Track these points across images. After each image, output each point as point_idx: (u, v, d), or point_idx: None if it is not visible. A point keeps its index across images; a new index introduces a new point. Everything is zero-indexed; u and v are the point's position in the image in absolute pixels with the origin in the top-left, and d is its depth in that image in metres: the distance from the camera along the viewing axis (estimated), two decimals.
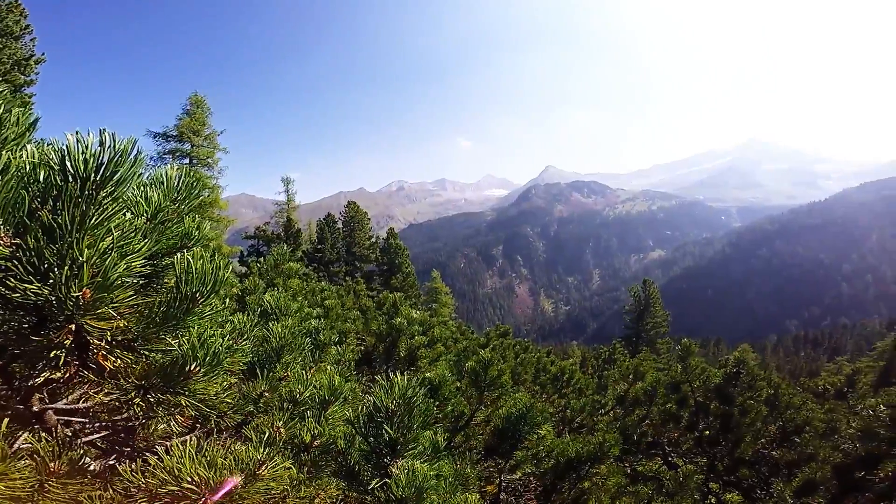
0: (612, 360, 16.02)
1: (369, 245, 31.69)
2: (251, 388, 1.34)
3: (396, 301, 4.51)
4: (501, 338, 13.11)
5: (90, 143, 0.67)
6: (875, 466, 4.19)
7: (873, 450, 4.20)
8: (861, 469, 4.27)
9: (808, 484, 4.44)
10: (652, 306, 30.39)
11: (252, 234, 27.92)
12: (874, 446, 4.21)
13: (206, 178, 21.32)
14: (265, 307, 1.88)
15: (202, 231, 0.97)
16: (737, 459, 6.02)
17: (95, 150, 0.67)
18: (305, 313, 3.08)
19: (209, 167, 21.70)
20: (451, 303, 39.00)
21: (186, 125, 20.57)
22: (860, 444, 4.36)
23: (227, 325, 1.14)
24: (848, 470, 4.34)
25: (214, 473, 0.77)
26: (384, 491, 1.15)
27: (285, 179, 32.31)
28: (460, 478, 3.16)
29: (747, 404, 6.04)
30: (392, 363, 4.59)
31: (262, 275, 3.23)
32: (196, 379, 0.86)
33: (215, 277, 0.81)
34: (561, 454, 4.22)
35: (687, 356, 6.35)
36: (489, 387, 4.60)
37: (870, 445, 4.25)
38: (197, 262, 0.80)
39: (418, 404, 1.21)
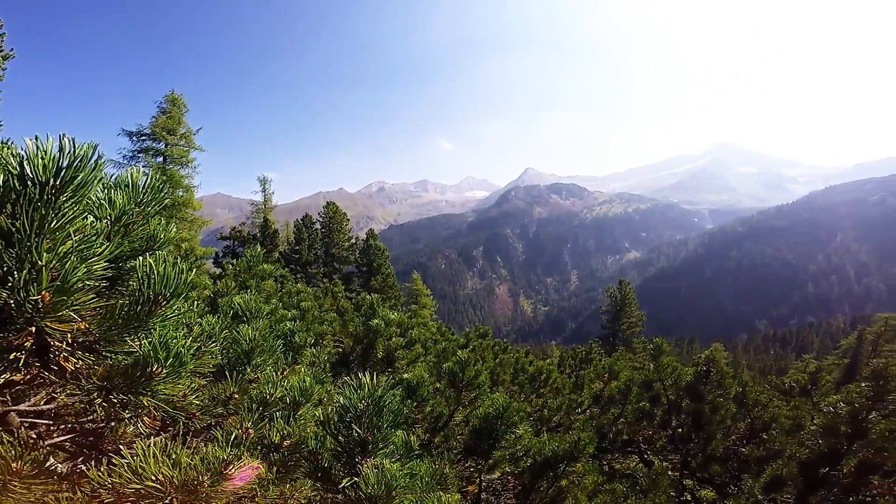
0: (589, 359, 16.31)
1: (348, 246, 31.44)
2: (220, 391, 1.33)
3: (374, 303, 4.51)
4: (481, 338, 13.20)
5: (49, 148, 0.67)
6: (838, 462, 4.32)
7: (835, 446, 4.32)
8: (825, 465, 4.38)
9: (776, 480, 4.54)
10: (627, 306, 31.01)
11: (227, 235, 27.39)
12: (836, 442, 4.32)
13: (181, 177, 20.79)
14: (236, 310, 1.87)
15: (168, 234, 0.97)
16: (708, 456, 6.15)
17: (55, 154, 0.67)
18: (280, 315, 3.06)
19: (184, 166, 21.17)
20: (432, 304, 39.01)
21: (161, 124, 20.02)
22: (822, 440, 4.47)
23: (196, 327, 1.14)
24: (812, 466, 4.45)
25: (179, 472, 0.77)
26: (355, 490, 1.17)
27: (262, 179, 31.82)
28: (439, 477, 3.18)
29: (717, 402, 6.20)
30: (369, 364, 4.58)
31: (235, 277, 3.19)
32: (159, 380, 0.86)
33: (178, 281, 0.81)
34: (538, 453, 4.28)
35: (659, 355, 6.50)
36: (467, 387, 4.64)
37: (831, 442, 4.36)
38: (160, 266, 0.80)
39: (388, 404, 1.23)
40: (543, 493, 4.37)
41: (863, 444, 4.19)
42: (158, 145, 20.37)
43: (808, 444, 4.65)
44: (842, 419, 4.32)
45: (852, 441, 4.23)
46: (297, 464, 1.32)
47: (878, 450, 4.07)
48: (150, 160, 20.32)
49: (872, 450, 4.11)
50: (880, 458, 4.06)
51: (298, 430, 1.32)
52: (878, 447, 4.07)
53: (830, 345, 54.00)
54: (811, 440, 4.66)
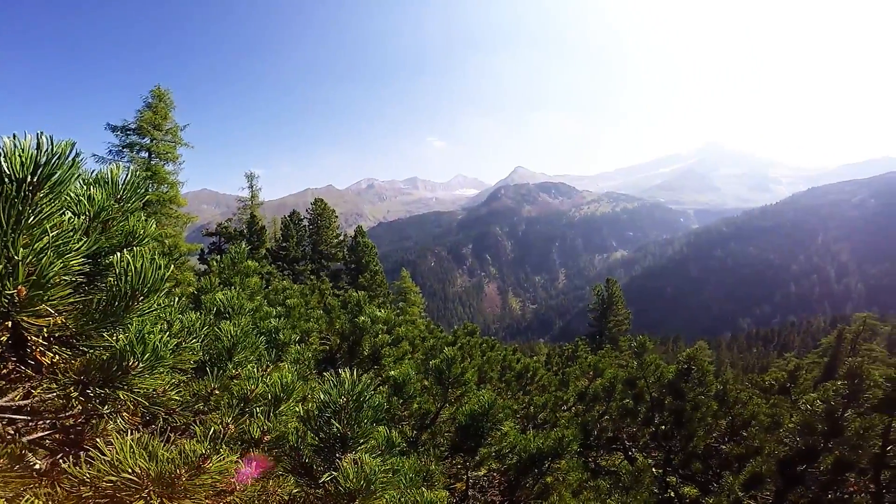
0: (575, 357, 16.47)
1: (336, 243, 31.27)
2: (201, 386, 1.34)
3: (360, 300, 4.51)
4: (469, 336, 13.26)
5: (27, 146, 0.67)
6: (815, 460, 4.36)
7: (812, 444, 4.37)
8: (802, 462, 4.43)
9: (755, 477, 4.58)
10: (614, 304, 31.37)
11: (213, 231, 27.08)
12: (812, 440, 4.37)
13: (166, 173, 20.51)
14: (218, 306, 1.87)
15: (148, 230, 0.97)
16: (690, 453, 6.24)
17: (32, 152, 0.68)
18: (265, 313, 3.05)
19: (169, 162, 20.88)
20: (421, 301, 39.02)
21: (147, 119, 19.69)
22: (800, 438, 4.51)
23: (176, 323, 1.14)
24: (790, 463, 4.49)
25: (156, 465, 0.78)
26: (335, 484, 1.18)
27: (249, 175, 31.48)
28: (425, 474, 3.21)
29: (698, 399, 6.26)
30: (356, 362, 4.58)
31: (220, 273, 3.17)
32: (135, 374, 0.87)
33: (156, 277, 0.82)
34: (523, 450, 4.32)
35: (642, 353, 6.57)
36: (453, 384, 4.67)
37: (808, 439, 4.40)
38: (137, 262, 0.81)
39: (368, 400, 1.24)
40: (529, 489, 4.40)
41: (838, 441, 4.24)
42: (144, 141, 20.05)
43: (787, 442, 4.70)
44: (818, 417, 4.37)
45: (828, 439, 4.28)
46: (278, 459, 1.33)
47: (853, 447, 4.13)
48: (135, 156, 19.99)
49: (848, 447, 4.17)
50: (855, 456, 4.13)
51: (279, 425, 1.34)
52: (853, 445, 4.13)
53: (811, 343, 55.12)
54: (789, 438, 4.70)
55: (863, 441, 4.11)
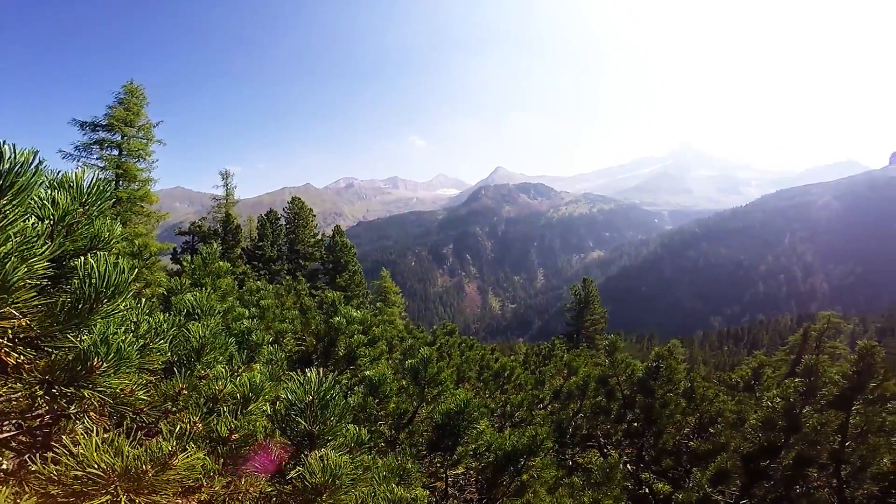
0: (551, 356, 16.70)
1: (314, 243, 30.88)
2: (170, 387, 1.35)
3: (335, 300, 4.50)
4: (448, 336, 13.32)
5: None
6: (777, 455, 4.43)
7: (773, 439, 4.44)
8: (765, 458, 4.50)
9: (721, 472, 4.64)
10: (591, 304, 31.89)
11: (186, 230, 26.41)
12: (773, 436, 4.44)
13: (138, 170, 19.95)
14: (188, 308, 1.87)
15: (113, 233, 0.98)
16: (660, 450, 6.38)
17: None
18: (237, 313, 3.02)
19: (141, 159, 20.32)
20: (401, 302, 38.88)
21: (118, 115, 19.07)
22: (762, 434, 4.56)
23: (143, 324, 1.16)
24: (754, 459, 4.56)
25: (121, 460, 0.81)
26: (302, 480, 1.22)
27: (224, 173, 30.81)
28: (401, 472, 3.24)
29: (667, 397, 6.38)
30: (331, 362, 4.58)
31: (191, 274, 3.13)
32: (100, 374, 0.88)
33: (119, 280, 0.84)
34: (499, 448, 4.38)
35: (614, 351, 6.73)
36: (430, 384, 4.71)
37: (770, 435, 4.46)
38: (101, 266, 0.83)
39: (334, 398, 1.28)
40: (506, 487, 4.46)
41: (798, 437, 4.31)
42: (114, 137, 19.43)
43: (750, 438, 4.75)
44: (778, 413, 4.43)
45: (788, 435, 4.35)
46: (246, 456, 1.35)
47: (812, 443, 4.21)
48: (105, 153, 19.36)
49: (807, 443, 4.24)
50: (814, 452, 4.21)
51: (248, 424, 1.36)
52: (811, 440, 4.21)
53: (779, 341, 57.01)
54: (752, 434, 4.75)
55: (820, 437, 4.18)
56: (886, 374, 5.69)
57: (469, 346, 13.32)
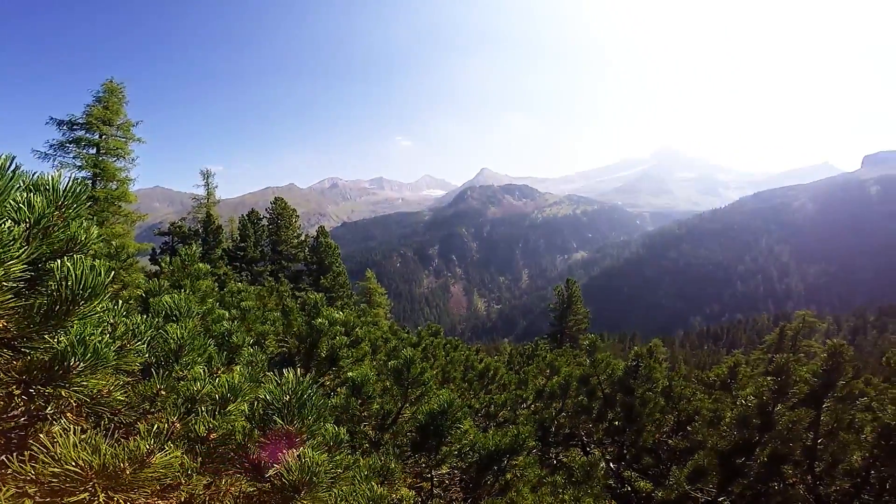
0: (535, 356, 16.85)
1: (297, 243, 30.56)
2: (147, 387, 1.36)
3: (317, 302, 4.50)
4: (433, 337, 13.34)
5: None
6: (752, 452, 4.46)
7: (747, 437, 4.48)
8: (740, 455, 4.53)
9: (698, 470, 4.68)
10: (574, 304, 32.22)
11: (166, 231, 25.91)
12: (748, 434, 4.47)
13: (116, 169, 19.56)
14: (166, 309, 1.87)
15: (90, 236, 0.99)
16: (640, 448, 6.47)
17: None
18: (217, 315, 3.01)
19: (120, 158, 19.91)
20: (386, 303, 38.74)
21: (97, 114, 18.65)
22: (737, 431, 4.59)
23: (121, 326, 1.16)
24: (730, 456, 4.58)
25: (99, 458, 0.82)
26: (280, 478, 1.24)
27: (205, 172, 30.34)
28: (384, 471, 3.26)
29: (646, 395, 6.47)
30: (313, 364, 4.57)
31: (170, 276, 3.10)
32: (77, 374, 0.90)
33: (96, 283, 0.86)
34: (482, 447, 4.42)
35: (594, 351, 6.84)
36: (413, 384, 4.73)
37: (744, 433, 4.50)
38: (77, 269, 0.84)
39: (310, 398, 1.30)
40: (490, 486, 4.50)
41: (772, 435, 4.35)
42: (92, 136, 19.01)
43: (725, 436, 4.77)
44: (752, 411, 4.47)
45: (762, 432, 4.40)
46: (225, 456, 1.37)
47: (785, 440, 4.26)
48: (81, 151, 18.91)
49: (780, 441, 4.28)
50: (787, 449, 4.27)
51: (226, 424, 1.37)
52: (784, 438, 4.25)
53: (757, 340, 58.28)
54: (727, 432, 4.78)
55: (793, 434, 4.23)
56: (855, 373, 5.82)
57: (454, 347, 13.37)
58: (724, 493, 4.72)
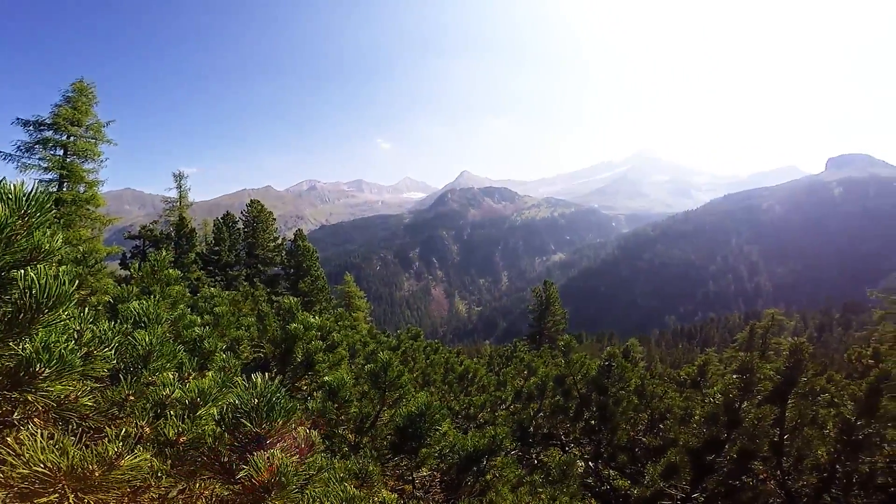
0: (514, 357, 17.02)
1: (274, 247, 30.08)
2: (116, 393, 1.36)
3: (292, 306, 4.48)
4: (412, 340, 13.34)
5: None
6: (721, 449, 4.54)
7: (716, 434, 4.55)
8: (710, 452, 4.60)
9: (671, 467, 4.74)
10: (552, 305, 32.64)
11: (137, 234, 25.17)
12: (716, 431, 4.55)
13: (84, 172, 18.95)
14: (133, 316, 1.86)
15: (54, 244, 1.00)
16: (615, 446, 6.57)
17: None
18: (189, 321, 2.97)
19: (89, 160, 19.30)
20: (366, 306, 38.47)
21: (65, 114, 18.02)
22: (706, 428, 4.66)
23: (87, 332, 1.17)
24: (700, 453, 4.65)
25: (67, 460, 0.83)
26: (249, 479, 1.26)
27: (178, 174, 29.61)
28: (362, 474, 3.27)
29: (620, 395, 6.60)
30: (289, 369, 4.54)
31: (139, 282, 3.05)
32: (43, 379, 0.91)
33: (60, 291, 0.87)
34: (461, 449, 4.46)
35: (569, 352, 6.96)
36: (390, 387, 4.74)
37: (713, 430, 4.57)
38: (41, 278, 0.85)
39: (279, 401, 1.33)
40: (470, 487, 4.53)
41: (739, 431, 4.43)
42: (60, 137, 18.37)
43: (696, 433, 4.85)
44: (719, 409, 4.57)
45: (730, 429, 4.48)
46: (195, 458, 1.38)
47: (752, 437, 4.35)
48: (48, 153, 18.26)
49: (747, 437, 4.37)
50: (754, 445, 4.36)
51: (196, 427, 1.39)
52: (751, 434, 4.35)
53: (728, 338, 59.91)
54: (697, 429, 4.86)
55: (759, 430, 4.32)
56: (818, 370, 6.02)
57: (434, 350, 13.40)
58: (698, 489, 4.80)
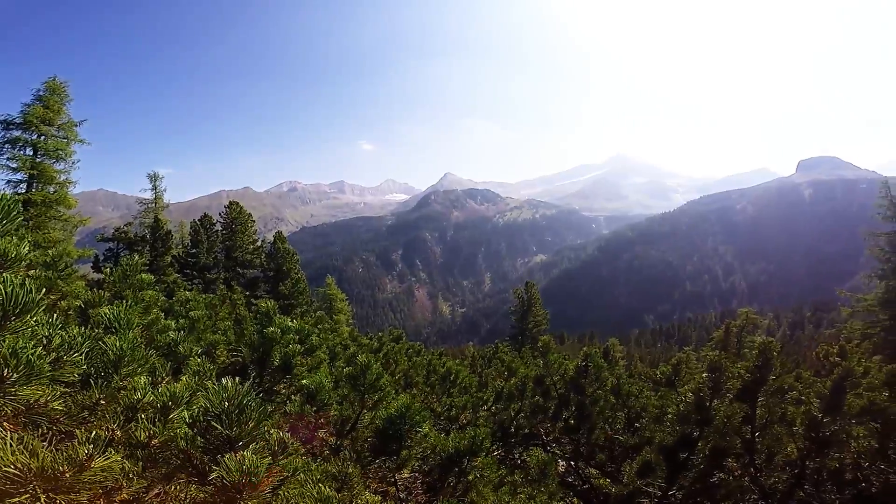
0: (495, 358, 17.16)
1: (253, 249, 29.60)
2: (87, 397, 1.38)
3: (269, 310, 4.47)
4: (394, 342, 13.34)
5: None
6: (694, 447, 4.59)
7: (688, 432, 4.60)
8: (683, 450, 4.64)
9: (646, 465, 4.79)
10: (533, 306, 32.98)
11: (110, 237, 24.50)
12: (688, 429, 4.60)
13: (55, 172, 18.44)
14: (104, 321, 1.86)
15: (20, 252, 1.02)
16: (593, 445, 6.71)
17: None
18: (163, 325, 2.96)
19: (60, 160, 18.77)
20: (347, 309, 38.23)
21: (37, 113, 17.51)
22: (679, 426, 4.71)
23: (56, 338, 1.19)
24: (674, 451, 4.69)
25: (37, 461, 0.86)
26: (221, 480, 1.29)
27: (153, 175, 28.97)
28: (342, 476, 3.29)
29: (596, 394, 6.73)
30: (267, 373, 4.52)
31: (111, 287, 3.01)
32: (11, 384, 0.93)
33: (27, 299, 0.90)
34: (442, 450, 4.49)
35: (547, 352, 7.04)
36: (369, 390, 4.76)
37: (685, 428, 4.62)
38: (7, 287, 0.88)
39: (249, 404, 1.37)
40: (452, 487, 4.56)
41: (711, 429, 4.48)
42: (30, 136, 17.82)
43: (669, 431, 4.90)
44: (691, 407, 4.61)
45: (702, 427, 4.53)
46: (168, 460, 1.41)
47: (723, 434, 4.42)
48: (17, 153, 17.70)
49: (718, 435, 4.43)
50: (726, 443, 4.43)
51: (168, 430, 1.41)
52: (721, 432, 4.41)
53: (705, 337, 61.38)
54: (670, 427, 4.90)
55: (729, 428, 4.39)
56: (787, 368, 6.21)
57: (416, 352, 13.42)
58: (673, 486, 4.89)
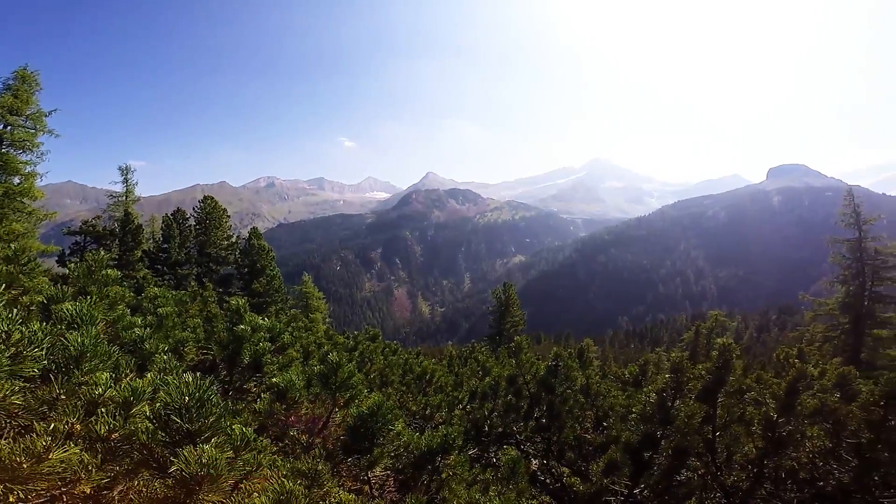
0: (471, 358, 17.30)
1: (227, 245, 29.01)
2: (46, 392, 1.39)
3: (240, 308, 4.45)
4: (370, 341, 13.32)
5: None
6: (657, 447, 4.71)
7: (651, 431, 4.73)
8: (647, 449, 4.76)
9: (612, 464, 4.88)
10: (511, 307, 33.32)
11: (77, 230, 23.67)
12: (651, 428, 4.72)
13: (20, 163, 17.73)
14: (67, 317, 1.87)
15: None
16: (563, 444, 6.85)
17: None
18: (128, 322, 2.93)
19: (26, 151, 18.05)
20: (324, 307, 37.81)
21: (4, 103, 16.81)
22: (642, 426, 4.82)
23: (16, 333, 1.21)
24: (637, 450, 4.81)
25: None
26: (181, 473, 1.33)
27: (124, 168, 28.12)
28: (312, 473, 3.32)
29: (566, 394, 6.90)
30: (237, 371, 4.50)
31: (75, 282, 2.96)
32: None
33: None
34: (415, 448, 4.54)
35: (519, 352, 7.18)
36: (341, 388, 4.79)
37: (648, 428, 4.75)
38: None
39: (209, 399, 1.41)
40: (425, 485, 4.62)
41: (672, 429, 4.61)
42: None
43: (634, 430, 5.02)
44: (654, 407, 4.76)
45: (664, 427, 4.66)
46: (128, 454, 1.44)
47: (684, 434, 4.55)
48: None
49: (679, 434, 4.56)
50: (688, 442, 4.55)
51: (128, 424, 1.44)
52: (682, 431, 4.54)
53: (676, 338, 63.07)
54: (634, 427, 5.03)
55: (690, 428, 4.51)
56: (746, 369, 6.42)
57: (393, 351, 13.44)
58: (639, 484, 4.99)
